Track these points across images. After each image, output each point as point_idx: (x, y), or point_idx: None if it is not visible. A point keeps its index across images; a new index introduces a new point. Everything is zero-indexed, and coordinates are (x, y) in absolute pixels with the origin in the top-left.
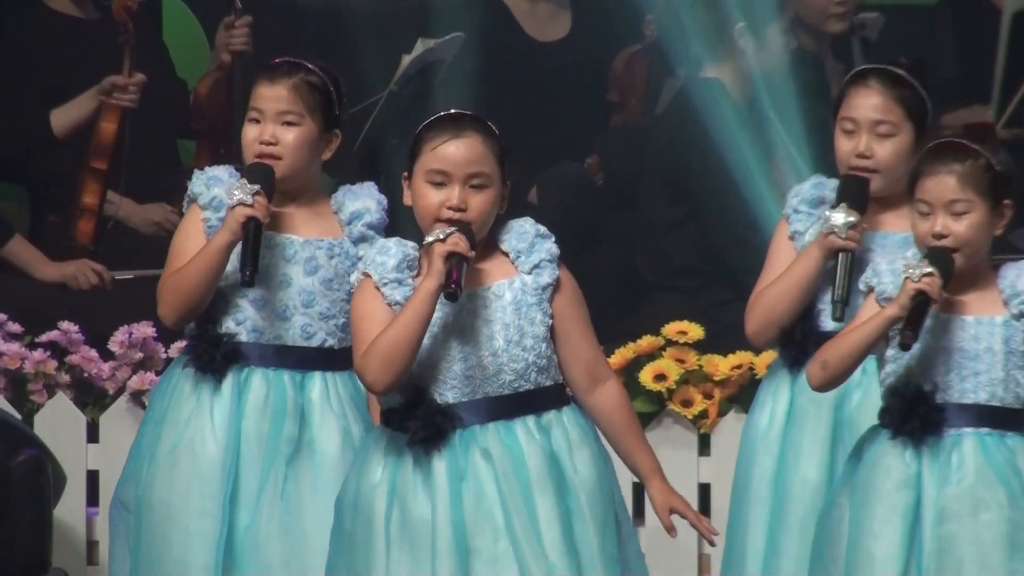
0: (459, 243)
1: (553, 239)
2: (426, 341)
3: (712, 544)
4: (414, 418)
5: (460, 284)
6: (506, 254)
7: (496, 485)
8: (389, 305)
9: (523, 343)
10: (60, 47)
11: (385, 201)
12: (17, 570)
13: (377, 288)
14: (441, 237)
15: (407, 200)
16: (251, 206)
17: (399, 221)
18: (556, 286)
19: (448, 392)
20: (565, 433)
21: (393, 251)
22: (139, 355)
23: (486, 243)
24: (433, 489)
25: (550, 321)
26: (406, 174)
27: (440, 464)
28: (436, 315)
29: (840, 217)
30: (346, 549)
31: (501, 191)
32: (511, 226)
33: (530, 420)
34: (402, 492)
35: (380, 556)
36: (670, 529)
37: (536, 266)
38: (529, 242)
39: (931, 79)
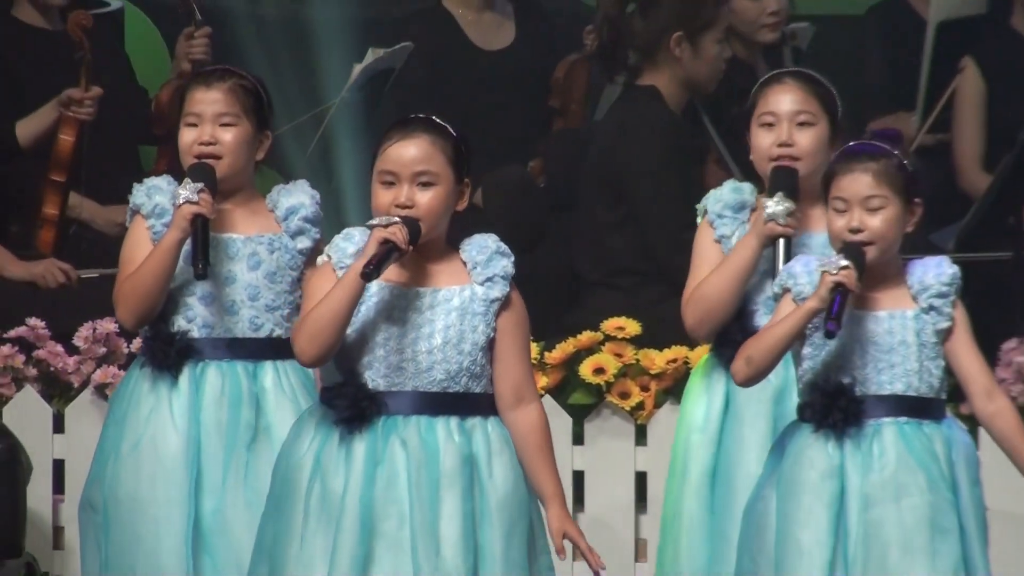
0: (396, 233)
1: (512, 259)
2: (368, 328)
3: (598, 573)
4: (342, 397)
5: (376, 267)
6: (464, 263)
7: (408, 475)
8: None
9: (461, 347)
10: (27, 57)
11: (318, 196)
12: None
13: (335, 270)
14: (383, 223)
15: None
16: (197, 203)
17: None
18: (505, 303)
19: (380, 379)
20: (487, 440)
21: (356, 238)
22: (103, 350)
23: (447, 249)
24: (349, 468)
25: (492, 334)
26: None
27: (360, 446)
28: (383, 305)
29: (778, 205)
30: (273, 513)
31: (453, 189)
32: (475, 239)
33: (453, 420)
34: (324, 466)
35: (298, 524)
36: (560, 551)
37: (489, 279)
38: (488, 256)
39: (859, 87)
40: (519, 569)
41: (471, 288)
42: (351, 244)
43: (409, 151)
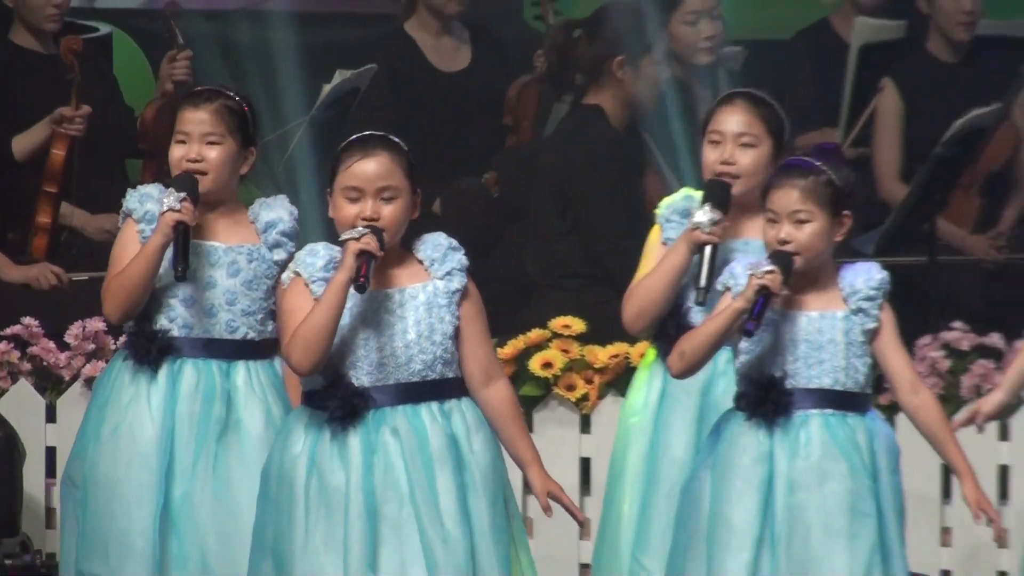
0: (370, 243)
1: (463, 252)
2: (348, 332)
3: (581, 525)
4: (333, 398)
5: (368, 278)
6: (421, 261)
7: (403, 459)
8: (316, 300)
9: (432, 338)
10: (22, 78)
11: (296, 212)
12: None
13: (307, 285)
14: (355, 236)
15: (331, 213)
16: (179, 211)
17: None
18: (464, 293)
19: (364, 377)
20: (464, 419)
21: (321, 253)
22: (91, 346)
23: (402, 251)
24: (347, 460)
25: (457, 322)
26: (329, 190)
27: (355, 439)
28: (357, 309)
29: (705, 215)
30: (272, 513)
31: (411, 200)
32: (426, 238)
33: (434, 405)
34: (320, 463)
35: (300, 519)
36: (547, 510)
37: (448, 273)
38: (443, 252)
39: (788, 105)
40: (502, 532)
41: (433, 283)
42: (318, 259)
43: (372, 168)
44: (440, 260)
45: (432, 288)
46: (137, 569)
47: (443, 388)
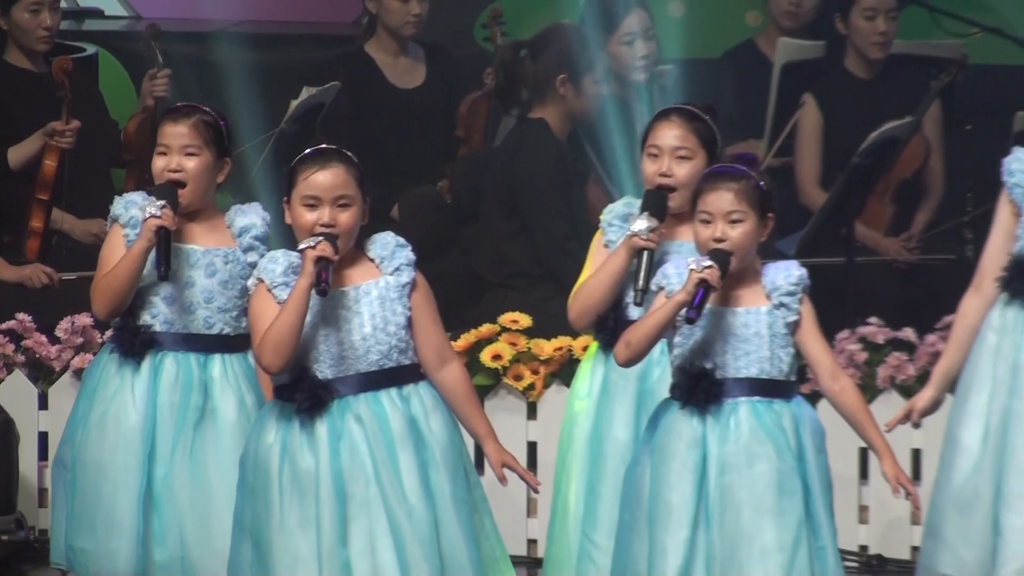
0: (326, 249)
1: (410, 248)
2: (310, 330)
3: (536, 492)
4: (300, 391)
5: (328, 282)
6: (372, 260)
7: (366, 443)
8: (279, 303)
9: (387, 329)
10: (16, 95)
11: (268, 217)
12: None
13: (269, 290)
14: (312, 244)
15: (288, 220)
16: (160, 217)
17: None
18: (413, 285)
19: (327, 370)
20: (422, 401)
21: (281, 260)
22: (80, 339)
23: (355, 252)
24: (316, 447)
25: (409, 313)
26: (286, 199)
27: (322, 427)
28: (317, 308)
29: (642, 223)
30: (249, 498)
31: (362, 207)
32: (375, 238)
33: (393, 391)
34: (291, 450)
35: (275, 502)
36: (502, 480)
37: (397, 268)
38: (391, 250)
39: (716, 118)
40: (463, 503)
41: (384, 279)
42: (278, 265)
43: (329, 178)
44: (389, 257)
45: (384, 284)
46: (122, 543)
47: (400, 374)
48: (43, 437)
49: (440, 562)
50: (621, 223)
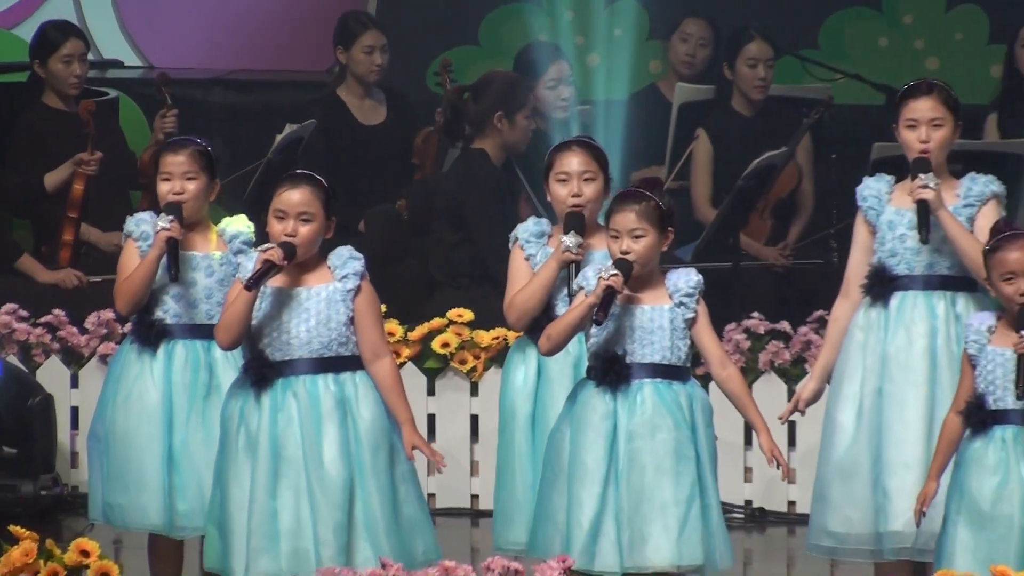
0: (274, 255)
1: (361, 260)
2: (266, 319)
3: (440, 471)
4: (252, 369)
5: (258, 282)
6: (329, 268)
7: (299, 415)
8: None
9: (328, 325)
10: (51, 130)
11: (253, 226)
12: (36, 470)
13: (240, 281)
14: (264, 249)
15: (267, 227)
16: (169, 229)
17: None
18: (357, 291)
19: (275, 353)
20: (355, 387)
21: (254, 258)
22: (105, 330)
23: (319, 259)
24: (260, 414)
25: (351, 313)
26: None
27: (266, 399)
28: (275, 303)
29: (571, 240)
30: (221, 452)
31: (325, 223)
32: (336, 250)
33: (330, 376)
34: (246, 416)
35: (232, 455)
36: (410, 456)
37: (345, 276)
38: (343, 261)
39: (625, 149)
40: (384, 474)
41: (334, 284)
42: (251, 263)
43: (296, 196)
44: (341, 266)
45: (332, 287)
46: (151, 498)
47: (339, 363)
48: (74, 411)
49: (348, 520)
50: (536, 239)
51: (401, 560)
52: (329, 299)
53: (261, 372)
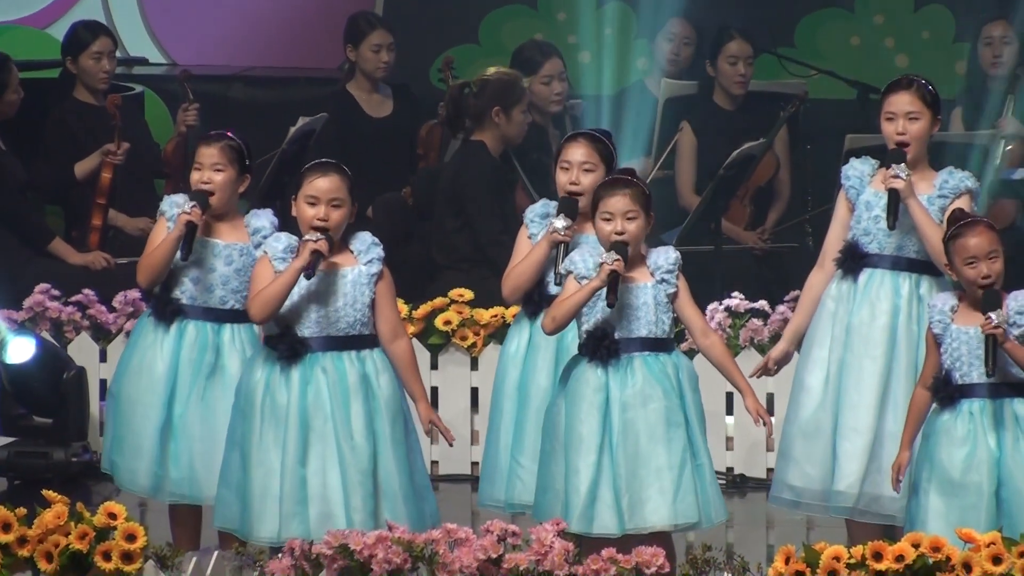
0: (323, 246)
1: (381, 247)
2: (298, 298)
3: (451, 445)
4: (282, 343)
5: (314, 270)
6: (352, 251)
7: (327, 389)
8: (275, 272)
9: (355, 306)
10: (81, 123)
11: (276, 221)
12: (69, 438)
13: (271, 261)
14: (314, 239)
15: (294, 213)
16: (189, 213)
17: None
18: (380, 276)
19: (305, 330)
20: (375, 364)
21: (283, 240)
22: (131, 309)
23: (340, 243)
24: (290, 386)
25: (373, 296)
26: (294, 197)
27: (295, 372)
28: (305, 283)
29: (560, 223)
30: (239, 419)
31: (350, 209)
32: (357, 235)
33: (353, 353)
34: (272, 386)
35: (257, 423)
36: (427, 432)
37: (369, 261)
38: (367, 246)
39: (613, 141)
40: (401, 445)
41: (359, 267)
42: (280, 244)
43: (327, 183)
44: (365, 252)
45: (358, 271)
46: (141, 464)
47: (360, 342)
48: (103, 383)
49: (374, 487)
50: (541, 219)
51: (416, 524)
52: (355, 281)
53: (293, 348)
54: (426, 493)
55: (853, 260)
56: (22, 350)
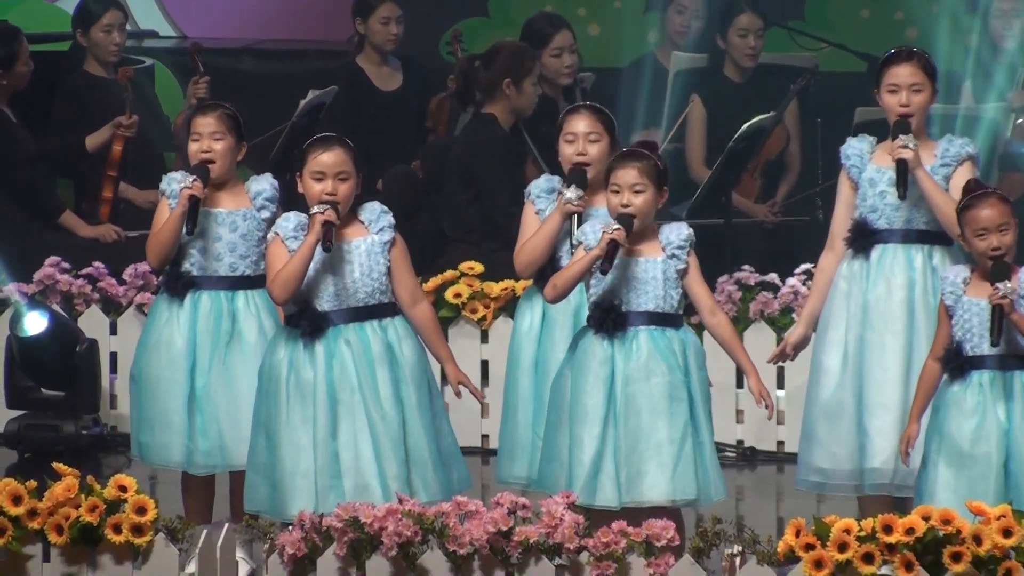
0: (332, 215)
1: (391, 214)
2: (313, 273)
3: (480, 403)
4: (304, 319)
5: (331, 240)
6: (362, 222)
7: (353, 361)
8: (290, 252)
9: (371, 275)
10: (92, 96)
11: (277, 184)
12: (82, 411)
13: (283, 241)
14: (321, 211)
15: (300, 189)
16: (191, 188)
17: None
18: (393, 242)
19: (325, 304)
20: (396, 331)
21: (292, 219)
22: (141, 282)
23: (349, 215)
24: (315, 362)
25: (388, 263)
26: (299, 173)
27: (319, 347)
28: (320, 258)
29: (572, 193)
30: (264, 400)
31: (356, 181)
32: (366, 205)
33: (375, 322)
34: (296, 364)
35: (283, 403)
36: (457, 394)
37: (381, 229)
38: (377, 215)
39: (624, 113)
40: (425, 410)
41: (371, 237)
42: (290, 223)
43: (332, 158)
44: (375, 221)
45: (370, 240)
46: (173, 437)
47: (381, 310)
48: (113, 356)
49: (405, 454)
50: (546, 194)
51: (445, 489)
52: (369, 251)
53: (314, 323)
54: (454, 459)
55: (863, 238)
56: (36, 323)
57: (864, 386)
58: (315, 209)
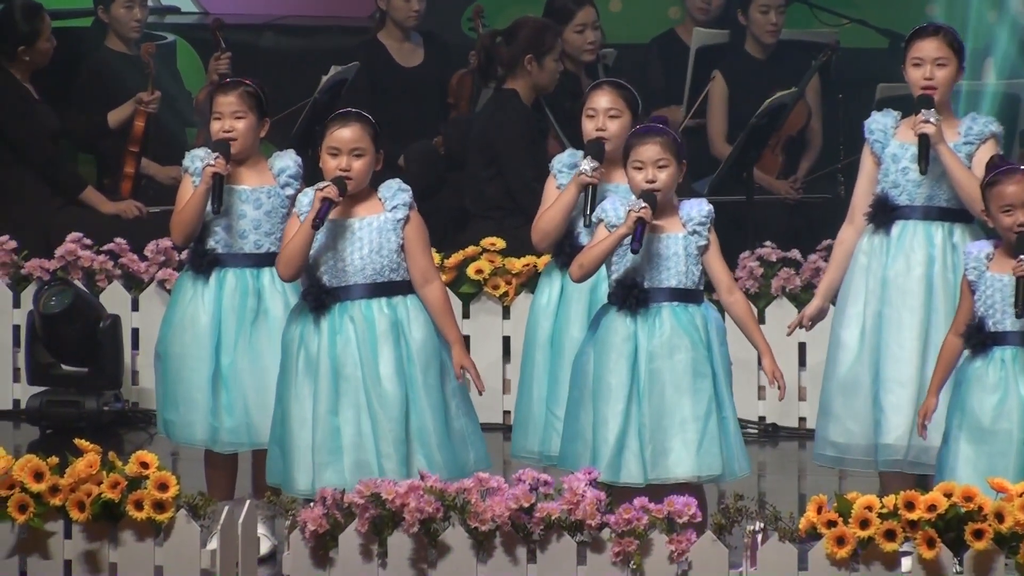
0: (331, 192)
1: (409, 192)
2: (323, 249)
3: (480, 394)
4: (311, 295)
5: (323, 219)
6: (380, 199)
7: (356, 337)
8: None
9: (381, 252)
10: (114, 72)
11: (300, 160)
12: (104, 387)
13: (298, 218)
14: (321, 187)
15: (320, 164)
16: (214, 165)
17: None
18: (407, 220)
19: (333, 280)
20: (407, 309)
21: (310, 195)
22: (162, 258)
23: (370, 191)
24: (320, 337)
25: (401, 241)
26: (319, 149)
27: (325, 323)
28: (332, 233)
29: (587, 164)
30: (282, 376)
31: (375, 157)
32: (385, 183)
33: (383, 300)
34: (305, 339)
35: (293, 376)
36: (459, 378)
37: (395, 207)
38: (393, 192)
39: (645, 89)
40: (435, 390)
41: (385, 214)
42: (307, 199)
43: (348, 133)
44: (391, 198)
45: (384, 218)
46: (197, 416)
47: (391, 288)
48: (135, 332)
49: (406, 434)
50: (568, 169)
51: (453, 470)
52: (380, 228)
53: (319, 298)
54: (470, 439)
55: (884, 213)
56: (59, 299)
57: (880, 362)
58: (318, 185)
